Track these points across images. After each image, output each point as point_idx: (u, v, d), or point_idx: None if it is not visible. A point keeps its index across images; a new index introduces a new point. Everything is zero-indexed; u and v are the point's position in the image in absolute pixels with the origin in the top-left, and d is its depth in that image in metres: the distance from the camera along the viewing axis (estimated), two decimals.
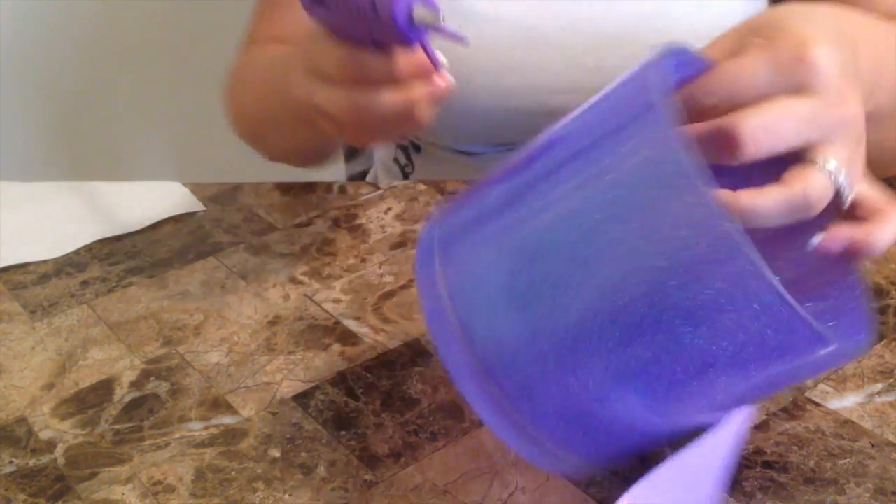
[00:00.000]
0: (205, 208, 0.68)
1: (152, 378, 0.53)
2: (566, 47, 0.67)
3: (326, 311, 0.57)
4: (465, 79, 0.65)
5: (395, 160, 0.83)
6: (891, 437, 0.45)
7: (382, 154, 0.86)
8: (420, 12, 0.40)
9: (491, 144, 0.72)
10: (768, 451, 0.45)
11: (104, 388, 0.52)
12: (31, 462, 0.47)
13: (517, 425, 0.37)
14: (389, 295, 0.58)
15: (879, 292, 0.55)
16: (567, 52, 0.67)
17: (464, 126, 0.71)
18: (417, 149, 0.79)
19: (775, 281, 0.33)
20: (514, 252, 0.37)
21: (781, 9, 0.42)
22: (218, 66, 1.48)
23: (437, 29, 0.41)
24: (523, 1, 0.67)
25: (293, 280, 0.60)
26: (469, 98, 0.69)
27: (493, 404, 0.37)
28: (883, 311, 0.54)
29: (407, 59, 0.44)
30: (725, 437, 0.39)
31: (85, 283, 0.62)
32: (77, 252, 0.65)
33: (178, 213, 0.68)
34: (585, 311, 0.35)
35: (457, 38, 0.41)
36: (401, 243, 0.63)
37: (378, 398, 0.50)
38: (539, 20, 0.68)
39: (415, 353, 0.53)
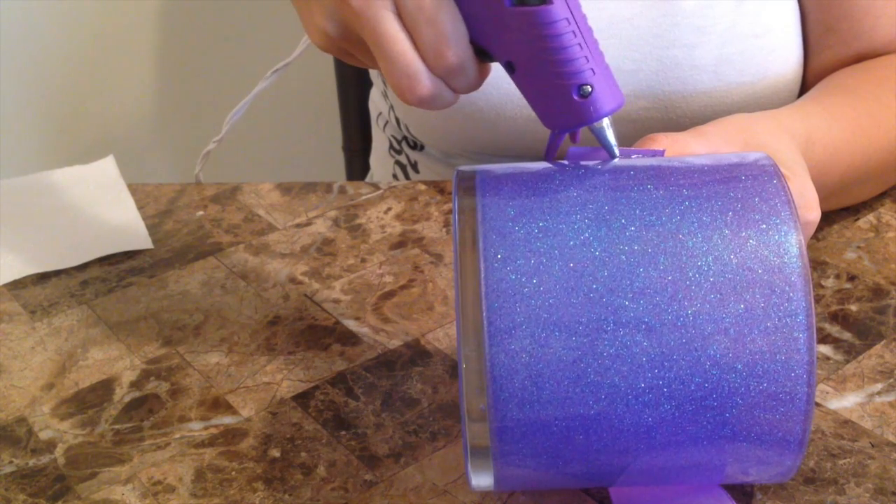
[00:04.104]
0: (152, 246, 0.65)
1: (152, 378, 0.53)
2: (602, 50, 0.66)
3: (326, 311, 0.57)
4: (493, 84, 0.64)
5: (397, 162, 0.83)
6: (891, 437, 0.45)
7: (381, 163, 0.86)
8: None
9: (516, 154, 0.72)
10: None
11: (104, 388, 0.52)
12: (31, 462, 0.47)
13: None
14: (389, 295, 0.58)
15: (879, 292, 0.55)
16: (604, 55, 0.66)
17: (488, 135, 0.70)
18: (420, 147, 0.79)
19: None
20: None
21: (763, 138, 0.48)
22: (218, 67, 1.49)
23: None
24: None
25: (293, 280, 0.60)
26: (496, 106, 0.68)
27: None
28: (883, 311, 0.54)
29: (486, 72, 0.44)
30: None
31: (85, 283, 0.62)
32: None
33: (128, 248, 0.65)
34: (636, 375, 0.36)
35: None
36: (401, 243, 0.63)
37: (378, 398, 0.50)
38: None
39: (415, 353, 0.53)
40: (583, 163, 0.41)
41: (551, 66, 0.40)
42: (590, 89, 0.40)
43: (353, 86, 1.09)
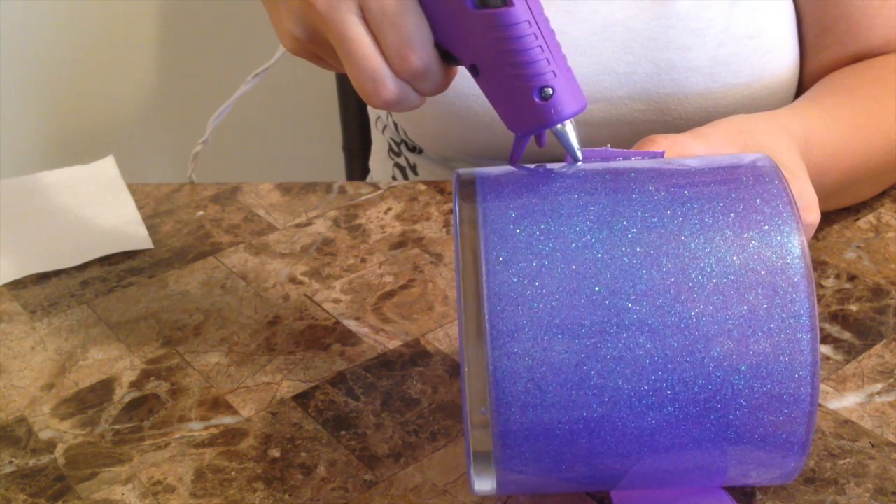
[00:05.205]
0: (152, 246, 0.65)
1: (152, 378, 0.53)
2: (596, 53, 0.66)
3: (326, 311, 0.57)
4: None
5: (396, 165, 0.83)
6: (891, 437, 0.45)
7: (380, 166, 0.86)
8: None
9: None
10: None
11: (104, 388, 0.52)
12: (31, 462, 0.47)
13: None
14: (389, 295, 0.58)
15: (879, 292, 0.55)
16: (597, 58, 0.66)
17: (484, 138, 0.70)
18: (419, 150, 0.79)
19: None
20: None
21: (765, 141, 0.49)
22: (218, 67, 1.49)
23: None
24: (551, 4, 0.66)
25: (293, 280, 0.60)
26: (492, 109, 0.68)
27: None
28: (883, 311, 0.54)
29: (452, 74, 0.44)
30: None
31: (85, 283, 0.62)
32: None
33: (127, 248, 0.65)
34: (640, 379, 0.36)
35: None
36: (401, 243, 0.63)
37: (378, 398, 0.50)
38: (569, 24, 0.66)
39: (415, 353, 0.53)
40: (583, 164, 0.41)
41: (512, 69, 0.40)
42: (551, 92, 0.40)
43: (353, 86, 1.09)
